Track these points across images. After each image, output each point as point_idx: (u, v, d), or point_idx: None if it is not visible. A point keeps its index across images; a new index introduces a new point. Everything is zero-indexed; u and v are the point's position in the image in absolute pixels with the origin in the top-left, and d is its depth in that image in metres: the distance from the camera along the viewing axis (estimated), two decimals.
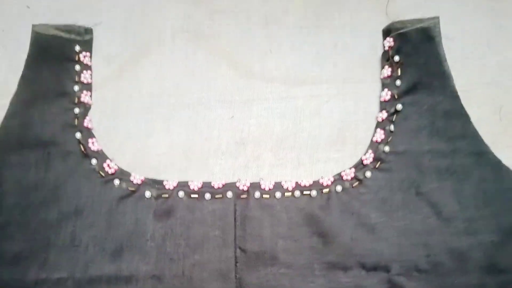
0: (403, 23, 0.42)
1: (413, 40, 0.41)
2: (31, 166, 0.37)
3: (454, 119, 0.38)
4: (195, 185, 0.37)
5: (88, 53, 0.42)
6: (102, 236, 0.35)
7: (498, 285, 0.33)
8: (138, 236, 0.35)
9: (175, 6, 0.44)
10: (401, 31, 0.41)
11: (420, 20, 0.42)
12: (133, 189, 0.37)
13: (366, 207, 0.36)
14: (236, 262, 0.34)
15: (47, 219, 0.35)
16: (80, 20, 0.43)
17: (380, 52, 0.42)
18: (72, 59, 0.41)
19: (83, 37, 0.42)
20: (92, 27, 0.43)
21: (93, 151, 0.38)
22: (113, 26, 0.43)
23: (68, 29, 0.42)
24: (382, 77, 0.41)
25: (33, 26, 0.42)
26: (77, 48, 0.42)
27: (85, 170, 0.37)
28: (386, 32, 0.42)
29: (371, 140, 0.39)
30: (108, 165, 0.37)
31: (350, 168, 0.38)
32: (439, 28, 0.41)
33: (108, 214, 0.36)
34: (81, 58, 0.41)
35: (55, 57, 0.41)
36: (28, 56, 0.41)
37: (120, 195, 0.36)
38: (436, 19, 0.42)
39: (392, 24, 0.42)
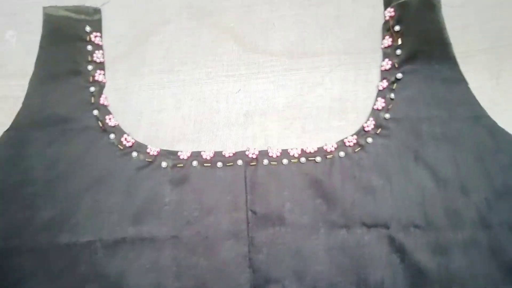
0: None
1: (414, 10, 0.42)
2: (53, 141, 0.39)
3: (452, 86, 0.40)
4: (207, 154, 0.39)
5: (98, 33, 0.44)
6: (123, 203, 0.38)
7: (489, 238, 0.36)
8: (156, 202, 0.38)
9: None
10: (402, 0, 0.43)
11: None
12: (150, 160, 0.39)
13: (367, 171, 0.38)
14: (248, 223, 0.37)
15: (72, 189, 0.38)
16: (88, 0, 0.45)
17: (381, 22, 0.43)
18: (84, 39, 0.43)
19: (92, 17, 0.44)
20: (100, 7, 0.44)
21: (111, 127, 0.40)
22: (120, 5, 0.45)
23: (77, 9, 0.44)
24: (382, 47, 0.42)
25: (44, 8, 0.44)
26: (88, 28, 0.43)
27: (104, 144, 0.40)
28: (387, 2, 0.43)
29: (372, 108, 0.41)
30: (126, 139, 0.40)
31: (352, 135, 0.40)
32: None
33: (128, 183, 0.38)
34: (92, 38, 0.43)
35: (68, 37, 0.43)
36: (42, 37, 0.43)
37: (138, 165, 0.39)
38: None
39: None
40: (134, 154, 0.39)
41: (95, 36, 0.43)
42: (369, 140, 0.39)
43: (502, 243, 0.36)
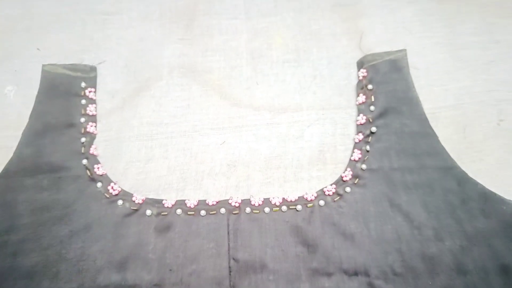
0: (374, 56, 0.48)
1: (384, 70, 0.46)
2: (44, 189, 0.40)
3: (421, 139, 0.43)
4: (191, 203, 0.41)
5: (93, 89, 0.47)
6: (108, 250, 0.38)
7: (465, 285, 0.37)
8: (141, 249, 0.38)
9: (172, 45, 0.49)
10: (373, 63, 0.47)
11: (389, 53, 0.47)
12: (135, 208, 0.40)
13: (346, 218, 0.40)
14: (230, 271, 0.38)
15: (59, 236, 0.38)
16: (86, 60, 0.48)
17: (355, 81, 0.47)
18: (78, 94, 0.46)
19: (88, 74, 0.47)
20: (96, 66, 0.48)
21: (99, 175, 0.42)
22: (116, 64, 0.48)
23: (75, 68, 0.47)
24: (357, 103, 0.46)
25: (43, 66, 0.47)
26: (83, 84, 0.46)
27: (92, 192, 0.41)
28: (360, 64, 0.48)
29: (350, 159, 0.43)
30: (112, 187, 0.41)
31: (332, 185, 0.42)
32: (406, 59, 0.47)
33: (114, 230, 0.39)
34: (87, 93, 0.46)
35: (63, 92, 0.46)
36: (39, 92, 0.46)
37: (123, 213, 0.40)
38: (403, 51, 0.47)
39: (364, 57, 0.48)
40: (120, 202, 0.41)
41: (90, 91, 0.46)
42: (348, 189, 0.41)
43: None
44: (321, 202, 0.41)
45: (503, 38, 0.49)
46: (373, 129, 0.44)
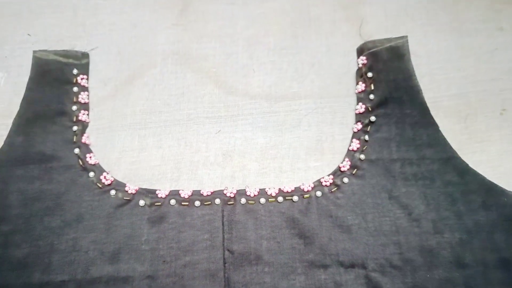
0: (374, 42, 0.46)
1: (384, 58, 0.45)
2: (35, 179, 0.39)
3: (422, 129, 0.42)
4: (185, 193, 0.40)
5: (85, 76, 0.45)
6: (101, 241, 0.37)
7: (464, 278, 0.36)
8: (134, 240, 0.38)
9: (166, 31, 0.48)
10: (373, 50, 0.45)
11: (390, 40, 0.46)
12: (128, 198, 0.39)
13: (343, 210, 0.39)
14: (225, 263, 0.37)
15: (50, 227, 0.38)
16: (78, 46, 0.47)
17: (354, 69, 0.46)
18: (70, 81, 0.45)
19: (80, 61, 0.46)
20: (88, 52, 0.47)
21: (91, 165, 0.41)
22: (109, 51, 0.47)
23: (66, 54, 0.46)
24: (356, 91, 0.45)
25: (34, 52, 0.46)
26: (75, 71, 0.45)
27: (84, 182, 0.40)
28: (360, 51, 0.46)
29: (348, 149, 0.42)
30: (105, 177, 0.40)
31: (329, 175, 0.41)
32: (407, 46, 0.45)
33: (106, 221, 0.38)
34: (79, 81, 0.45)
35: (55, 79, 0.45)
36: (30, 79, 0.44)
37: (116, 204, 0.39)
38: (404, 38, 0.46)
39: (364, 43, 0.46)
40: (113, 192, 0.40)
41: (82, 78, 0.45)
42: (345, 180, 0.40)
43: (478, 282, 0.36)
44: (318, 193, 0.40)
45: (508, 26, 0.48)
46: (372, 118, 0.43)
